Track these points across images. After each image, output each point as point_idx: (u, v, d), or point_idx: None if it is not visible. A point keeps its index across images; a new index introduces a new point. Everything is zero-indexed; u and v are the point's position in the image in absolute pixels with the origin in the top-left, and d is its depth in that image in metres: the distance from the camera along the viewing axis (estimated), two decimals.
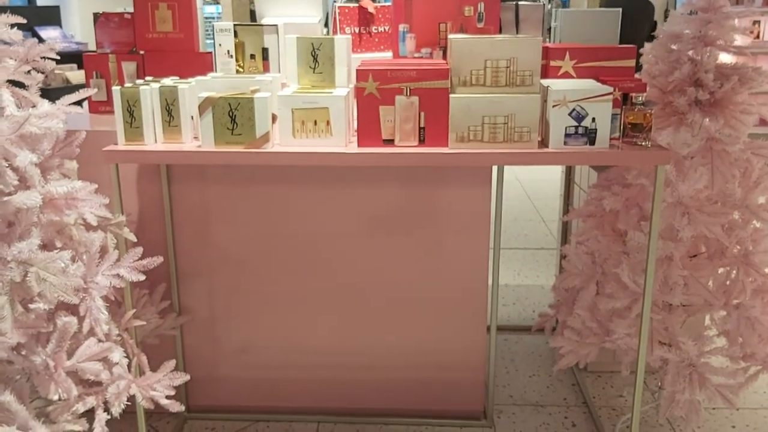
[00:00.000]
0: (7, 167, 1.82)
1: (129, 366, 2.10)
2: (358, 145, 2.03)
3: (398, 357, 2.59)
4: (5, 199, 1.80)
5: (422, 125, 2.01)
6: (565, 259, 2.59)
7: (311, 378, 2.63)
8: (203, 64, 2.73)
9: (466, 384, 2.59)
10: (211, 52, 2.83)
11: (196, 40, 2.77)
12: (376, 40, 2.62)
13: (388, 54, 2.55)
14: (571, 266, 2.51)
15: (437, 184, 2.38)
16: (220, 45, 2.35)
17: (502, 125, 1.96)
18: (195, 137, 2.13)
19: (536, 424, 2.62)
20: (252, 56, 2.37)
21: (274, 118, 2.06)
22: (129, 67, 2.75)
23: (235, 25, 2.34)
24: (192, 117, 2.11)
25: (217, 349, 2.63)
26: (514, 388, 2.86)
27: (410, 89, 1.97)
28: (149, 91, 2.05)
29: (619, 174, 2.44)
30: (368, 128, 2.02)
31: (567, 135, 1.97)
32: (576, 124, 1.96)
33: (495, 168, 2.33)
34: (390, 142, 2.03)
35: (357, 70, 1.98)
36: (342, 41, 2.16)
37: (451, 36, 2.03)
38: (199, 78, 2.13)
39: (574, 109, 1.95)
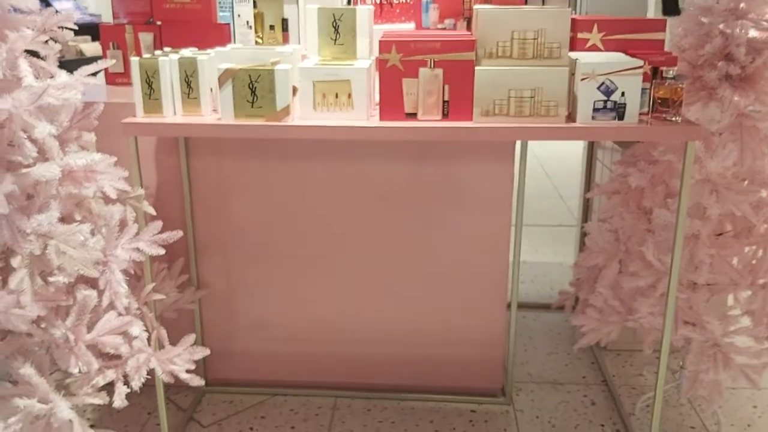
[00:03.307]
0: (25, 139, 1.80)
1: (148, 340, 2.09)
2: (380, 119, 1.99)
3: (416, 333, 2.57)
4: (24, 171, 1.78)
5: (446, 98, 1.96)
6: (588, 236, 2.55)
7: (329, 352, 2.63)
8: (221, 35, 2.69)
9: (485, 361, 2.58)
10: (228, 24, 2.80)
11: (214, 11, 2.73)
12: (397, 11, 2.56)
13: (410, 25, 2.49)
14: (594, 244, 2.47)
15: (458, 159, 2.34)
16: (239, 16, 2.31)
17: (529, 99, 1.91)
18: (214, 110, 2.09)
19: (555, 402, 2.60)
20: (271, 27, 2.32)
21: (294, 90, 2.02)
22: (146, 38, 2.71)
23: None
24: (211, 89, 2.08)
25: (234, 322, 2.62)
26: (532, 365, 2.84)
27: (434, 61, 1.93)
28: (168, 62, 2.01)
29: (644, 150, 2.38)
30: (390, 101, 1.97)
31: (595, 109, 1.92)
32: (605, 98, 1.91)
33: (518, 143, 2.29)
34: (413, 115, 1.98)
35: (380, 41, 1.94)
36: (364, 12, 2.11)
37: (476, 6, 1.97)
38: (218, 49, 2.08)
39: (603, 83, 1.90)
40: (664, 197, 2.29)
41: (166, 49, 2.25)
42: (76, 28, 1.99)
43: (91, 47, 7.17)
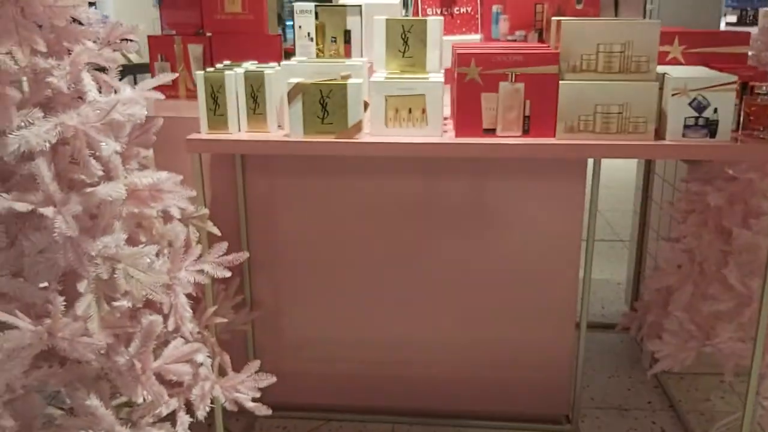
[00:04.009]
0: (90, 157, 1.72)
1: (211, 366, 2.00)
2: (456, 135, 1.90)
3: (478, 355, 2.46)
4: (89, 190, 1.70)
5: (527, 114, 1.87)
6: (647, 254, 2.45)
7: (385, 375, 2.52)
8: (273, 47, 2.61)
9: (550, 385, 2.47)
10: (279, 35, 2.72)
11: (266, 22, 2.65)
12: (458, 21, 2.47)
13: (473, 36, 2.40)
14: (667, 264, 2.36)
15: (525, 173, 2.24)
16: (299, 27, 2.22)
17: (616, 115, 1.82)
18: (279, 126, 2.00)
19: (623, 429, 2.49)
20: (333, 39, 2.23)
21: (365, 105, 1.93)
22: (195, 49, 2.63)
23: (316, 5, 2.21)
24: (277, 104, 1.99)
25: (287, 344, 2.53)
26: (594, 389, 2.73)
27: (515, 75, 1.83)
28: (234, 76, 1.93)
29: (719, 167, 2.28)
30: (468, 117, 1.88)
31: (686, 126, 1.82)
32: (696, 114, 1.81)
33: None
34: (491, 131, 1.89)
35: (458, 54, 1.85)
36: (435, 23, 2.02)
37: (559, 18, 1.88)
38: (285, 63, 2.00)
39: (695, 99, 1.80)
40: (743, 217, 2.18)
41: (226, 62, 2.16)
42: (137, 39, 1.92)
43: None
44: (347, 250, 2.39)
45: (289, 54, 2.70)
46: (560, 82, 1.82)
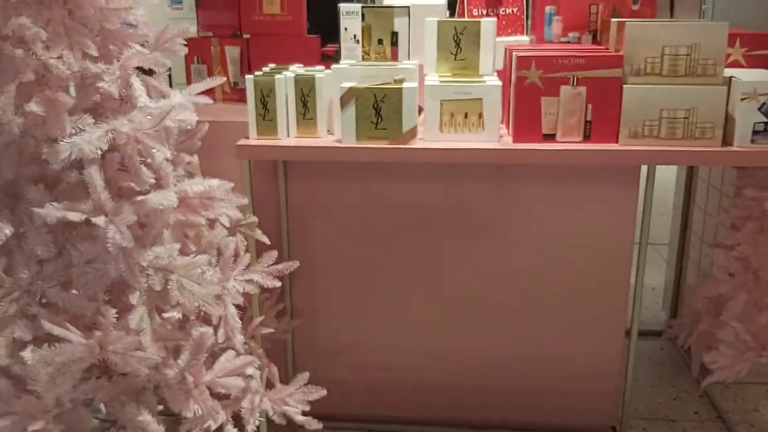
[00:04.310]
0: (141, 164, 1.66)
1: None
2: (514, 141, 1.84)
3: (522, 364, 2.40)
4: (140, 198, 1.64)
5: (588, 119, 1.80)
6: (689, 259, 2.38)
7: (427, 385, 2.46)
8: (312, 49, 2.55)
9: (597, 395, 2.40)
10: (317, 37, 2.66)
11: (305, 23, 2.59)
12: (504, 23, 2.41)
13: (520, 38, 2.33)
14: (719, 272, 2.30)
15: (579, 177, 2.17)
16: (345, 29, 2.16)
17: (683, 120, 1.75)
18: (329, 131, 1.95)
19: None
20: (380, 41, 2.17)
21: (419, 110, 1.87)
22: (232, 51, 2.58)
23: (362, 7, 2.15)
24: (327, 109, 1.93)
25: (327, 353, 2.47)
26: (638, 399, 2.67)
27: (577, 78, 1.77)
28: (284, 80, 1.87)
29: None
30: (526, 122, 1.82)
31: (755, 132, 1.76)
32: (766, 120, 1.75)
33: None
34: (550, 137, 1.83)
35: (518, 57, 1.78)
36: (488, 24, 1.96)
37: (624, 20, 1.81)
38: (335, 66, 1.94)
39: (764, 104, 1.73)
40: None
41: (271, 65, 2.11)
42: (185, 43, 1.86)
43: None
44: (387, 257, 2.33)
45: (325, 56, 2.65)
46: (624, 86, 1.76)
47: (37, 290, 1.61)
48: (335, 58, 2.81)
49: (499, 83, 1.83)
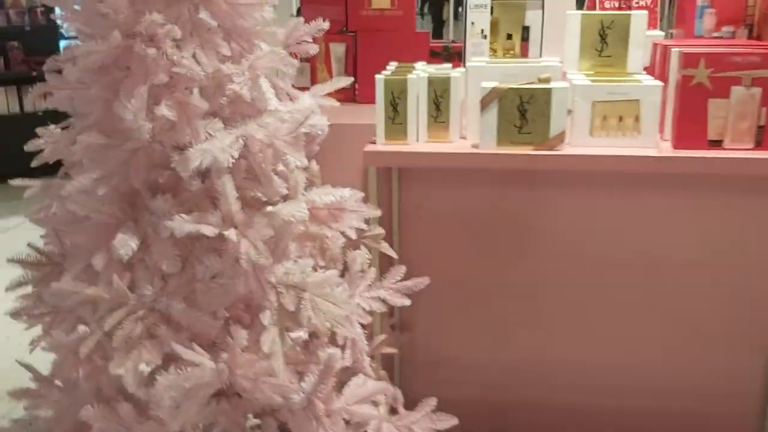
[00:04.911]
0: (273, 173, 1.53)
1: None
2: (675, 147, 1.65)
3: (658, 383, 2.19)
4: (270, 209, 1.51)
5: (760, 123, 1.60)
6: None
7: (549, 405, 2.27)
8: (421, 46, 2.40)
9: (735, 416, 2.17)
10: (427, 33, 2.51)
11: (414, 19, 2.44)
12: None
13: (656, 32, 2.13)
14: None
15: (742, 188, 1.93)
16: (472, 23, 2.00)
17: None
18: (462, 136, 1.79)
19: None
20: (509, 36, 2.00)
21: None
22: (337, 48, 2.44)
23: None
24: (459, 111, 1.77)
25: (436, 369, 2.31)
26: None
27: (752, 78, 1.57)
28: (416, 80, 1.72)
29: None
30: (691, 126, 1.62)
31: None
32: None
33: None
34: (717, 143, 1.63)
35: (683, 54, 1.59)
36: (640, 18, 1.77)
37: None
38: (470, 64, 1.77)
39: None
40: None
41: (395, 63, 1.96)
42: (311, 40, 1.73)
43: None
44: (510, 271, 2.14)
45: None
46: None
47: (162, 308, 1.50)
48: (442, 54, 2.66)
49: (659, 83, 1.64)
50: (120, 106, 1.38)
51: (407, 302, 1.68)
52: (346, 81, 1.71)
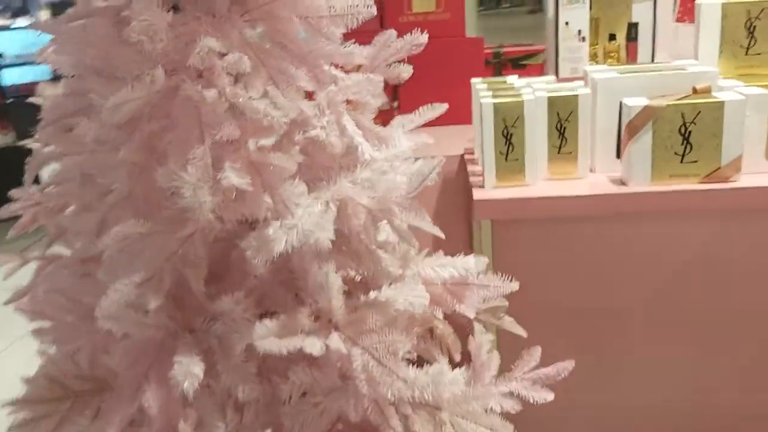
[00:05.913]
0: (374, 246, 1.11)
1: None
2: None
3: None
4: (375, 296, 1.09)
5: None
6: None
7: None
8: (475, 53, 2.01)
9: None
10: (482, 38, 2.10)
11: (464, 21, 2.04)
12: None
13: None
14: None
15: None
16: (566, 23, 1.60)
17: None
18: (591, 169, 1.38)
19: None
20: (612, 37, 1.61)
21: None
22: None
23: None
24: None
25: (541, 414, 1.90)
26: None
27: None
28: (534, 102, 1.30)
29: None
30: None
31: None
32: None
33: None
34: None
35: None
36: None
37: None
38: (601, 76, 1.36)
39: None
40: None
41: (497, 78, 1.55)
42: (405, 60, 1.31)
43: None
44: (618, 309, 1.76)
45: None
46: None
47: None
48: (492, 63, 2.26)
49: None
50: (166, 176, 0.94)
51: (550, 396, 1.26)
52: (440, 108, 1.28)
